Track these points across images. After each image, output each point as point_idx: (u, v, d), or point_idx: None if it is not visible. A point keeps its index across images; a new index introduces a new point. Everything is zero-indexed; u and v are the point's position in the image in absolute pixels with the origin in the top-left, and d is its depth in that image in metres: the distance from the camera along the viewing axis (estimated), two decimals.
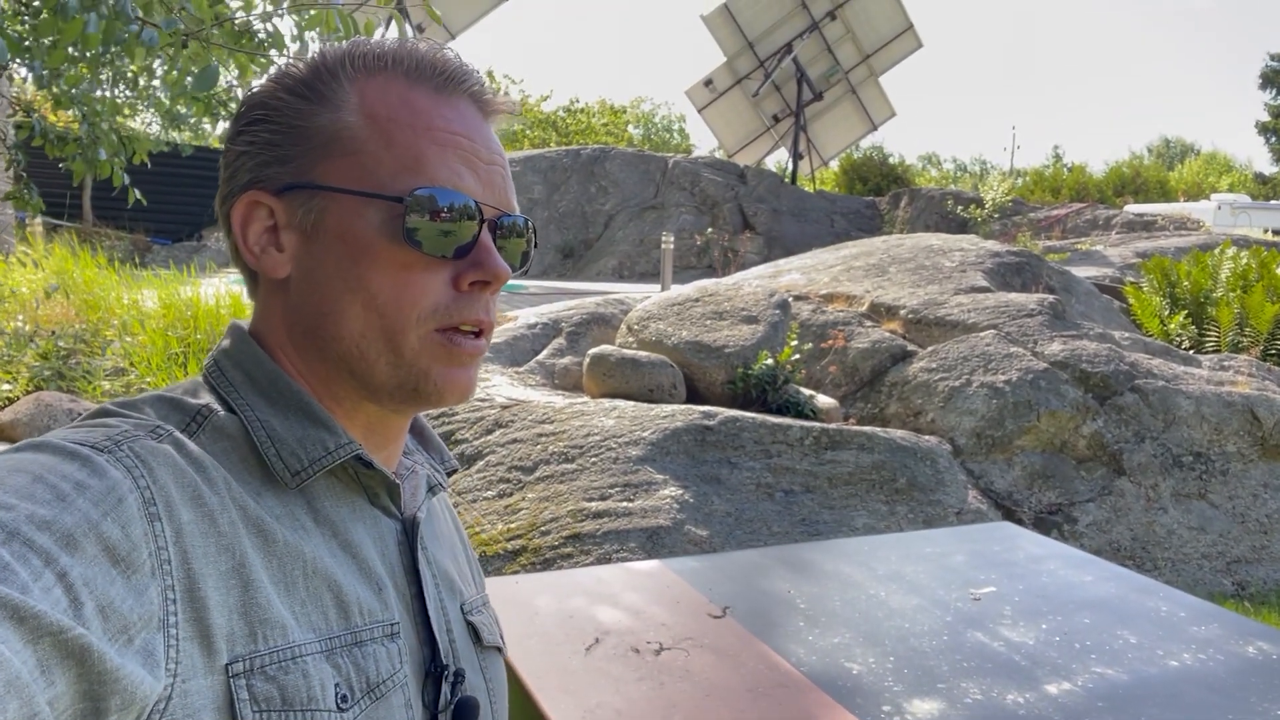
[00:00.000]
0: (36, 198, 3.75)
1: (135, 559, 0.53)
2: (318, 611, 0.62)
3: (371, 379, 0.68)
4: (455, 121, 0.69)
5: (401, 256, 0.66)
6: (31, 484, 0.52)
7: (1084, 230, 16.31)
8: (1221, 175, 34.77)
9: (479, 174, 0.69)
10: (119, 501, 0.53)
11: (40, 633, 0.45)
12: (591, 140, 28.56)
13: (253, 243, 0.69)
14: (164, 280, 6.38)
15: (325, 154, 0.67)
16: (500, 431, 4.45)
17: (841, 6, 19.60)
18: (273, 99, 0.69)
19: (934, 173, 41.77)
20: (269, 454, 0.65)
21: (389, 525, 0.72)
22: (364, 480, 0.70)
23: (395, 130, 0.67)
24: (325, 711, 0.59)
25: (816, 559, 2.27)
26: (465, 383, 0.70)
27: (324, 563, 0.64)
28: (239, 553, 0.58)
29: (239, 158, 0.69)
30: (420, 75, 0.69)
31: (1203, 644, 1.81)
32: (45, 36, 2.46)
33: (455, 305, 0.67)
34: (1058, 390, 5.14)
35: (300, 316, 0.69)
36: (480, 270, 0.68)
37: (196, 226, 17.58)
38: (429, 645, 0.71)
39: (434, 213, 0.65)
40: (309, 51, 0.74)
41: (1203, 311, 7.92)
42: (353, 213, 0.66)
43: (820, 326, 6.06)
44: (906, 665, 1.71)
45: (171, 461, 0.58)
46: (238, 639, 0.57)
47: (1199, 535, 4.67)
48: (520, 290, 11.34)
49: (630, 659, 1.72)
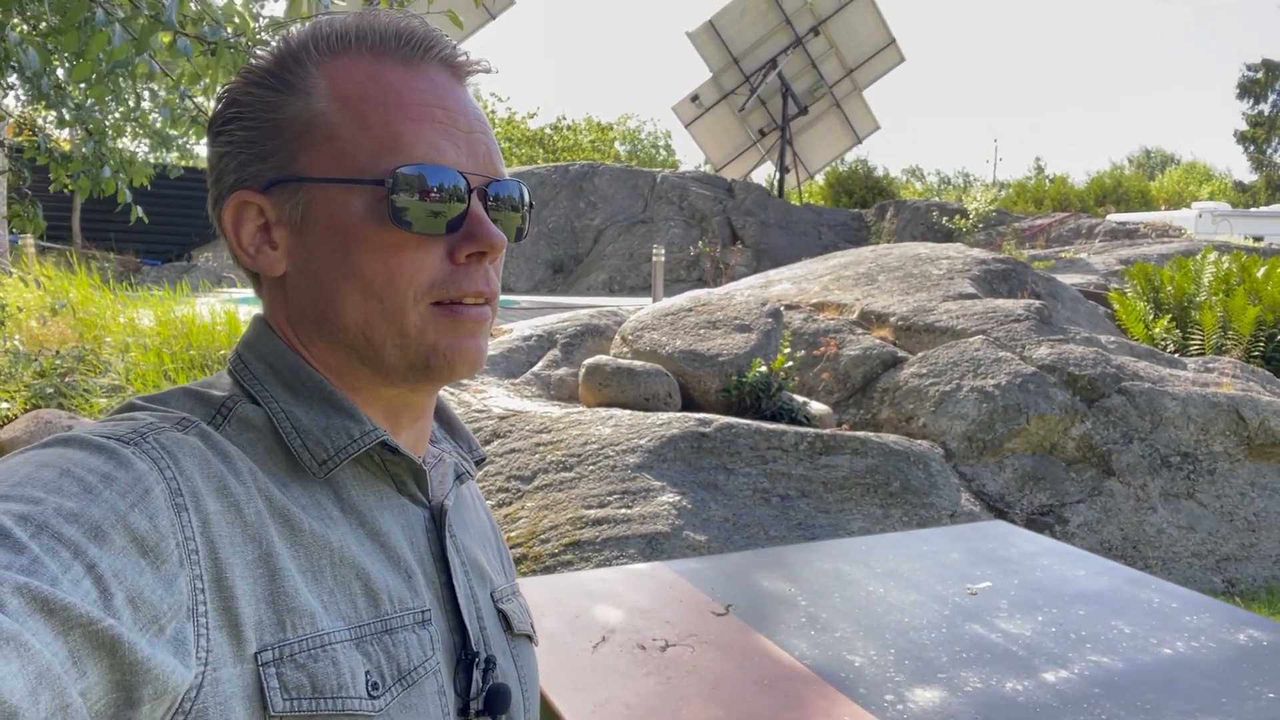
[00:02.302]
0: (38, 216, 3.76)
1: (163, 549, 0.53)
2: (346, 600, 0.62)
3: (382, 362, 0.67)
4: (428, 92, 0.66)
5: (392, 238, 0.64)
6: (59, 478, 0.52)
7: (1068, 239, 16.48)
8: (1202, 184, 35.14)
9: (459, 143, 0.67)
10: (146, 493, 0.54)
11: (71, 624, 0.45)
12: (579, 157, 28.67)
13: (247, 243, 0.68)
14: (159, 299, 6.40)
15: (303, 144, 0.65)
16: (498, 442, 4.48)
17: (825, 22, 19.82)
18: (243, 94, 0.67)
19: (918, 185, 42.07)
20: (294, 444, 0.65)
21: (417, 513, 0.71)
22: (391, 468, 0.70)
23: (368, 110, 0.65)
24: (356, 699, 0.59)
25: (815, 559, 2.31)
26: (475, 352, 0.68)
27: (351, 551, 0.63)
28: (265, 542, 0.59)
29: (221, 159, 0.68)
30: (386, 48, 0.67)
31: (1195, 633, 1.85)
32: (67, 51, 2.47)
33: (453, 279, 0.66)
34: (1046, 393, 5.20)
35: (303, 310, 0.68)
36: (474, 241, 0.66)
37: (185, 247, 17.56)
38: (459, 632, 0.70)
39: (420, 191, 0.64)
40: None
41: (1186, 315, 8.02)
42: (338, 201, 0.65)
43: (812, 334, 6.12)
44: (907, 657, 1.75)
45: (197, 452, 0.59)
46: (266, 628, 0.57)
47: (1188, 534, 4.73)
48: (512, 305, 11.38)
49: (637, 655, 1.75)
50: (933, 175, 45.90)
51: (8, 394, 4.50)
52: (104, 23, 2.16)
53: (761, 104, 20.30)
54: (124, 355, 5.29)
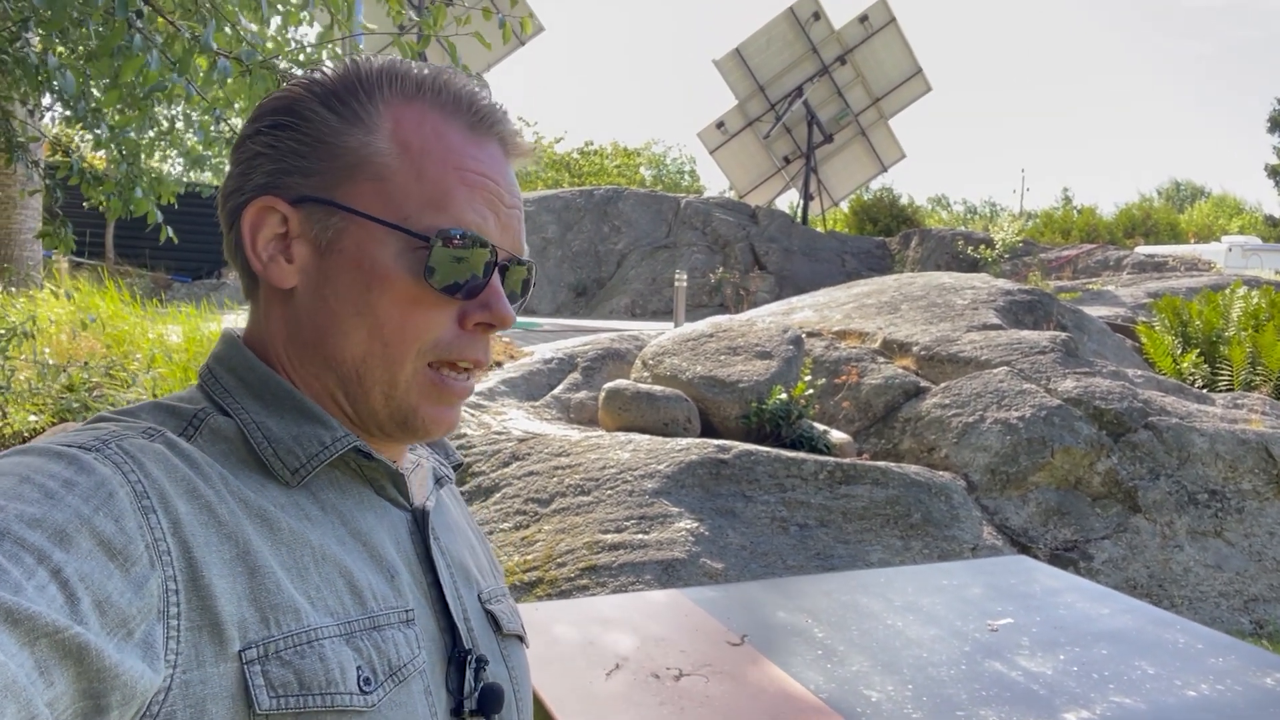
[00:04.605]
0: (68, 235, 3.83)
1: (132, 551, 0.52)
2: (333, 596, 0.61)
3: (365, 406, 0.68)
4: (485, 163, 0.68)
5: (415, 290, 0.66)
6: (18, 485, 0.51)
7: (1095, 271, 16.34)
8: (1231, 217, 34.79)
9: (500, 218, 0.69)
10: (110, 496, 0.53)
11: (36, 634, 0.45)
12: (604, 181, 28.87)
13: (261, 248, 0.68)
14: (186, 316, 6.49)
15: (351, 175, 0.66)
16: (517, 464, 4.48)
17: (852, 51, 19.90)
18: (303, 107, 0.67)
19: (943, 214, 41.94)
20: (266, 454, 0.65)
21: (399, 516, 0.71)
22: (367, 473, 0.70)
23: (427, 163, 0.66)
24: (346, 694, 0.58)
25: (833, 589, 2.28)
26: (451, 419, 0.70)
27: (332, 549, 0.63)
28: (242, 540, 0.58)
29: (256, 157, 0.68)
30: (456, 110, 0.69)
31: (1220, 675, 1.81)
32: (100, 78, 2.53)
33: (457, 343, 0.68)
34: (1071, 427, 5.14)
35: (301, 329, 0.68)
36: (487, 313, 0.68)
37: (216, 265, 17.82)
38: (449, 633, 0.70)
39: (455, 257, 0.65)
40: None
41: (1215, 350, 7.91)
42: (373, 239, 0.65)
43: (833, 362, 6.09)
44: (925, 693, 1.72)
45: (162, 458, 0.58)
46: (249, 625, 0.56)
47: (1216, 573, 4.63)
48: (534, 328, 11.42)
49: (651, 685, 1.73)
50: (958, 204, 45.77)
51: (35, 407, 4.57)
52: (141, 48, 2.21)
53: (787, 131, 20.37)
54: (151, 370, 5.36)
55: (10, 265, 8.71)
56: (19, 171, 4.46)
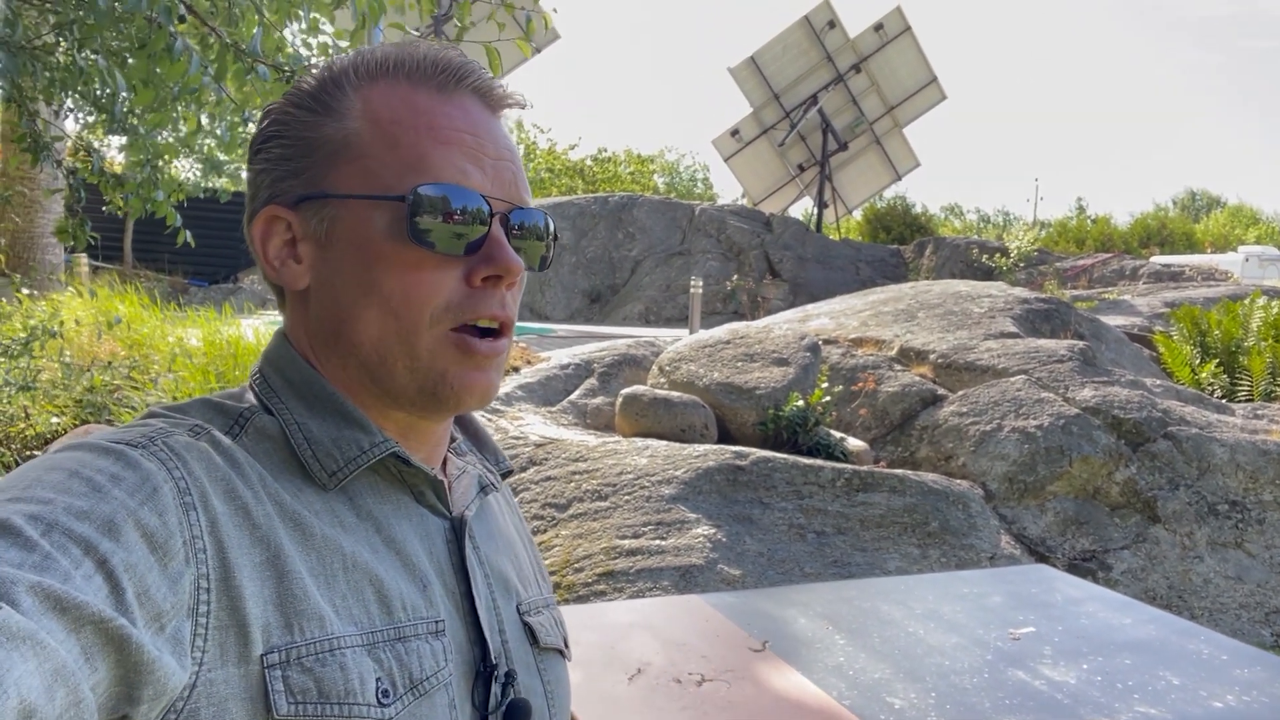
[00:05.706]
0: (85, 232, 3.84)
1: (171, 546, 0.53)
2: (359, 605, 0.61)
3: (392, 384, 0.67)
4: (458, 118, 0.68)
5: (411, 256, 0.65)
6: (67, 479, 0.53)
7: (1110, 280, 16.24)
8: (1248, 227, 34.48)
9: (485, 169, 0.68)
10: (154, 491, 0.54)
11: (82, 621, 0.46)
12: (618, 188, 28.93)
13: (273, 256, 0.69)
14: (205, 319, 6.54)
15: (333, 162, 0.67)
16: (534, 469, 4.49)
17: (866, 60, 19.89)
18: (283, 114, 0.69)
19: (957, 223, 41.75)
20: (305, 455, 0.65)
21: (437, 524, 0.71)
22: (407, 479, 0.70)
23: (399, 132, 0.66)
24: (365, 705, 0.58)
25: (853, 597, 2.28)
26: (484, 385, 0.68)
27: (364, 557, 0.63)
28: (274, 545, 0.59)
29: (258, 175, 0.70)
30: (422, 76, 0.69)
31: (1246, 686, 1.80)
32: (135, 80, 2.56)
33: (469, 301, 0.66)
34: (1090, 436, 5.11)
35: (322, 325, 0.69)
36: (492, 264, 0.66)
37: (233, 269, 17.95)
38: (480, 645, 0.69)
39: (443, 212, 0.65)
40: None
41: (1234, 360, 7.85)
42: (362, 217, 0.66)
43: (850, 370, 6.08)
44: (948, 701, 1.71)
45: (205, 456, 0.59)
46: (273, 630, 0.57)
47: (1236, 585, 4.59)
48: (549, 334, 11.45)
49: (672, 690, 1.73)
50: (972, 213, 45.54)
51: (58, 408, 4.62)
52: (182, 51, 2.23)
53: (801, 139, 20.36)
54: (171, 373, 5.41)
55: (34, 266, 8.82)
56: (44, 171, 4.51)
